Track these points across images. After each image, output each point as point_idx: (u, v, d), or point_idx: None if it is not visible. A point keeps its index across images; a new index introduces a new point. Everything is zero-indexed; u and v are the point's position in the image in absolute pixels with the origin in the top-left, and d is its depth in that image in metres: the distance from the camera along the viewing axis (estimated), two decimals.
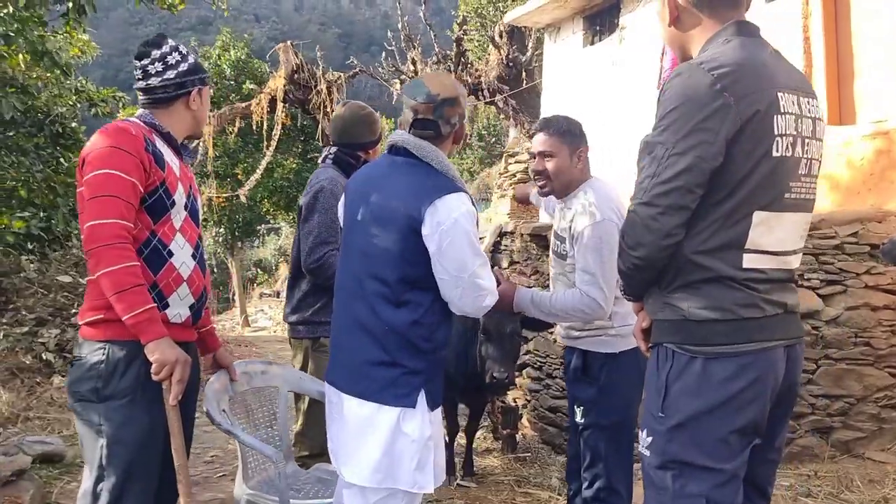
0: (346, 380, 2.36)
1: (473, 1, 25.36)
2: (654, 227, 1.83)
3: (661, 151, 1.82)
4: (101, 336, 2.35)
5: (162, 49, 2.51)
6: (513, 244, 5.94)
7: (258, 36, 48.83)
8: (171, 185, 2.44)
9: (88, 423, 2.35)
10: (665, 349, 1.91)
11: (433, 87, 2.35)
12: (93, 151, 2.33)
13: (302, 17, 79.63)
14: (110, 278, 2.23)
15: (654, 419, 1.91)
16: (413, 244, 2.25)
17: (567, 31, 8.87)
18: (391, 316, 2.29)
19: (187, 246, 2.50)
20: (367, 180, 2.45)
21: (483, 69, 13.34)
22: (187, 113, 2.56)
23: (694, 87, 1.80)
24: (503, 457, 5.08)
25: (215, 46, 19.07)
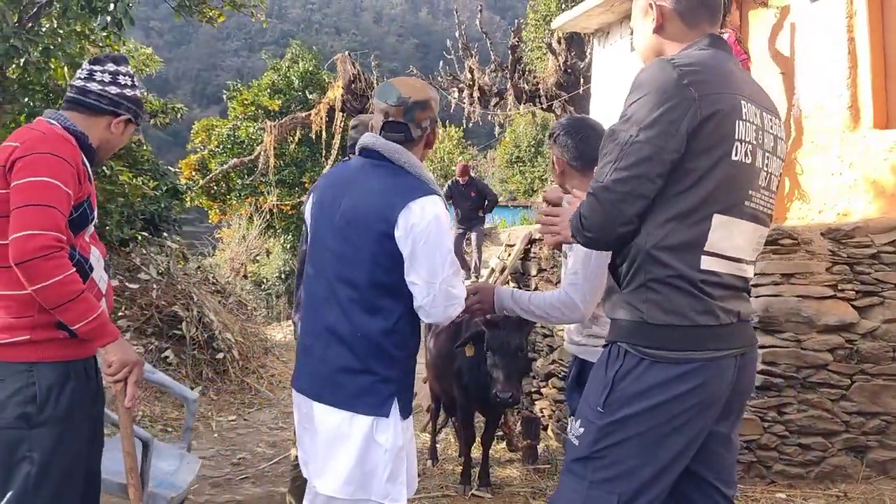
0: (316, 387, 2.30)
1: (543, 8, 25.22)
2: (611, 213, 1.85)
3: (623, 138, 1.85)
4: (25, 358, 2.19)
5: (119, 67, 2.44)
6: (541, 252, 5.85)
7: (338, 48, 49.86)
8: (94, 200, 2.38)
9: (8, 450, 2.17)
10: (618, 347, 1.95)
11: (404, 90, 2.32)
12: (29, 155, 2.17)
13: (381, 28, 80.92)
14: (53, 291, 2.10)
15: (593, 412, 1.95)
16: (386, 248, 2.21)
17: (615, 35, 8.71)
18: (364, 323, 2.23)
19: (101, 259, 2.40)
20: (338, 182, 2.40)
21: (541, 76, 13.23)
22: (104, 132, 2.42)
23: (661, 80, 1.84)
24: (523, 468, 4.99)
25: (285, 59, 19.59)
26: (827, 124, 6.04)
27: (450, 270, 2.25)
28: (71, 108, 2.38)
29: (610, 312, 2.03)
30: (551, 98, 12.81)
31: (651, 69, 1.89)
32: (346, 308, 2.25)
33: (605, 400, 1.92)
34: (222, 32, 71.98)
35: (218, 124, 18.61)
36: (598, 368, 2.01)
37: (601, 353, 2.05)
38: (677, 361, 1.86)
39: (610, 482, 1.90)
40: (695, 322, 1.86)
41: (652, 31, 2.07)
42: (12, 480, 2.18)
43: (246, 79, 25.03)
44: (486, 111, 13.34)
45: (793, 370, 4.36)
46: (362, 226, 2.24)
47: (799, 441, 4.37)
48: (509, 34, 14.31)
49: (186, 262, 8.67)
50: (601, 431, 1.91)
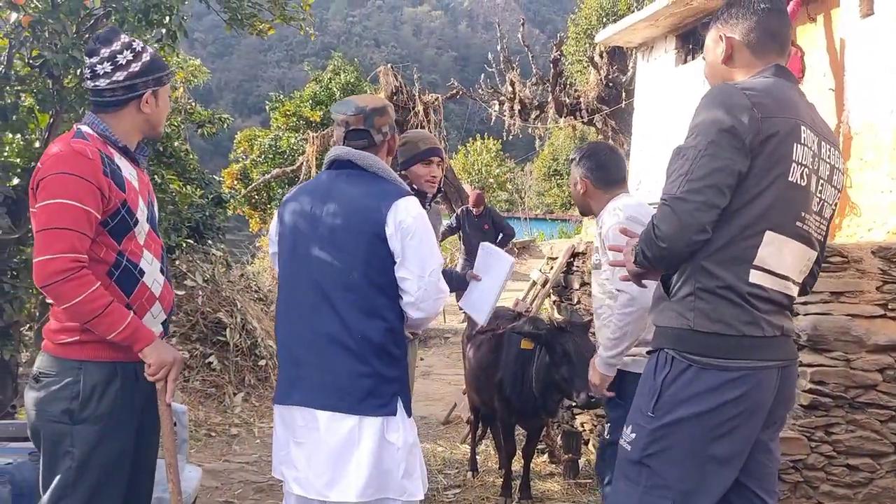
0: (317, 396, 2.31)
1: (584, 22, 25.23)
2: (688, 222, 1.91)
3: (693, 153, 1.93)
4: (76, 356, 2.27)
5: (112, 47, 2.33)
6: (584, 265, 5.83)
7: (378, 60, 50.26)
8: (133, 203, 2.34)
9: (53, 443, 2.27)
10: (665, 354, 2.03)
11: (360, 101, 2.49)
12: (46, 177, 2.21)
13: (420, 41, 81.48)
14: (78, 310, 2.17)
15: (643, 416, 2.04)
16: (378, 249, 2.31)
17: (659, 49, 8.68)
18: (364, 325, 2.30)
19: (155, 261, 2.43)
20: (312, 195, 2.45)
21: (583, 89, 13.22)
22: (140, 117, 2.39)
23: (726, 100, 1.95)
24: (564, 481, 4.97)
25: (327, 70, 19.84)
26: (876, 141, 5.96)
27: (437, 263, 2.37)
28: (97, 110, 2.38)
29: (657, 320, 2.11)
30: (592, 112, 12.79)
31: (717, 91, 2.01)
32: (345, 313, 2.30)
33: (655, 405, 2.01)
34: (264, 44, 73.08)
35: (260, 134, 18.90)
36: (646, 375, 2.10)
37: (649, 360, 2.12)
38: (725, 368, 1.95)
39: (662, 488, 1.98)
40: (741, 332, 1.95)
41: (720, 61, 2.18)
42: (56, 474, 2.27)
43: (286, 90, 25.38)
44: (526, 124, 13.35)
45: (841, 390, 4.29)
46: (351, 230, 2.33)
47: (846, 462, 4.29)
48: (548, 48, 14.35)
49: (229, 269, 8.80)
50: (651, 436, 2.00)
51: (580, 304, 5.88)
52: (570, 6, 74.19)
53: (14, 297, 5.52)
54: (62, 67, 4.95)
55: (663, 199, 1.99)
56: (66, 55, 4.84)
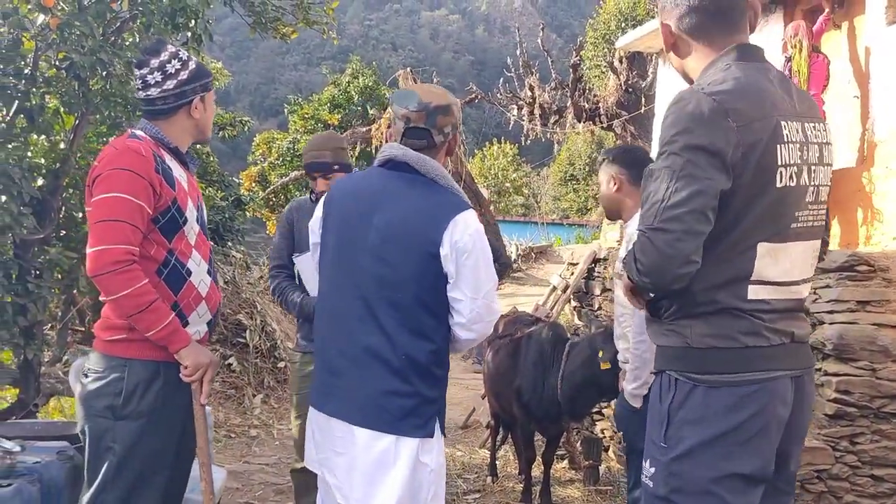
0: (355, 411, 2.23)
1: (602, 27, 25.15)
2: (669, 254, 1.74)
3: (668, 175, 1.76)
4: (122, 353, 2.34)
5: (161, 57, 2.44)
6: (605, 271, 5.82)
7: (395, 64, 50.32)
8: (182, 203, 2.42)
9: (97, 438, 2.34)
10: (668, 377, 1.88)
11: (424, 95, 2.28)
12: (102, 173, 2.31)
13: (437, 45, 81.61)
14: (123, 304, 2.25)
15: (657, 448, 1.88)
16: (430, 267, 2.18)
17: None
18: (410, 344, 2.19)
19: (203, 262, 2.50)
20: (362, 196, 2.31)
21: (602, 94, 13.19)
22: (190, 122, 2.51)
23: (696, 112, 1.75)
24: (584, 488, 4.95)
25: (346, 73, 19.91)
26: None
27: (492, 283, 2.26)
28: (149, 117, 2.50)
29: (653, 339, 1.97)
30: (612, 117, 12.75)
31: (683, 102, 1.79)
32: (391, 330, 2.19)
33: (665, 433, 1.85)
34: (282, 47, 73.41)
35: (278, 137, 18.97)
36: (653, 401, 1.95)
37: (653, 383, 1.99)
38: (734, 384, 1.78)
39: None
40: (742, 343, 1.79)
41: (667, 52, 2.02)
42: (99, 468, 2.33)
43: (304, 92, 25.48)
44: (545, 129, 13.34)
45: (867, 399, 4.25)
46: (404, 245, 2.20)
47: (871, 472, 4.25)
48: (565, 52, 14.34)
49: (249, 271, 8.84)
50: (668, 469, 1.84)
51: (601, 309, 5.87)
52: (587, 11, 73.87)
53: (38, 296, 5.57)
54: (89, 70, 4.99)
55: (640, 230, 1.81)
56: (94, 58, 4.89)
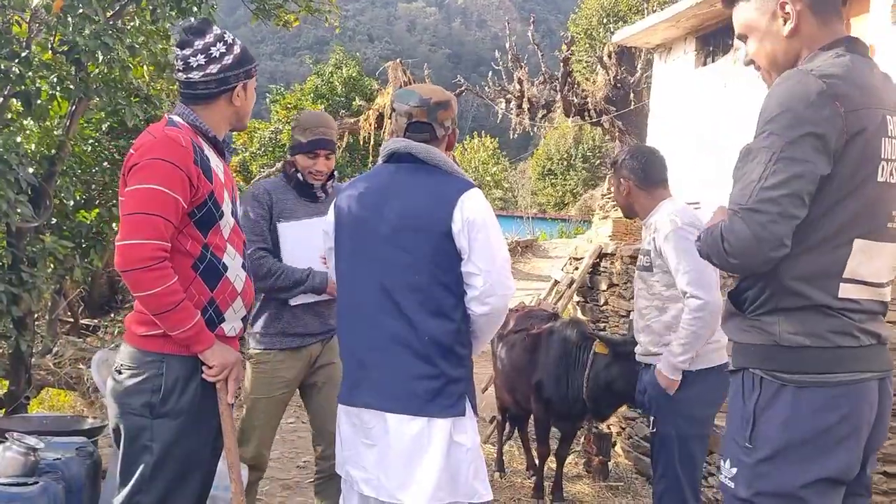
0: (386, 398, 2.27)
1: (583, 22, 25.20)
2: (762, 236, 1.69)
3: (766, 156, 1.70)
4: (159, 349, 2.25)
5: (205, 39, 2.32)
6: (612, 266, 5.81)
7: (371, 55, 50.09)
8: (219, 196, 2.32)
9: (133, 436, 2.25)
10: (751, 375, 1.82)
11: (424, 92, 2.41)
12: (139, 162, 2.20)
13: (413, 37, 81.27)
14: (150, 301, 2.16)
15: (741, 449, 1.83)
16: (445, 247, 2.26)
17: (678, 51, 8.66)
18: (431, 326, 2.26)
19: (237, 257, 2.41)
20: (371, 190, 2.38)
21: (590, 90, 13.20)
22: (230, 109, 2.40)
23: (803, 92, 1.69)
24: (594, 484, 4.93)
25: (328, 64, 19.70)
26: None
27: (505, 256, 2.34)
28: (188, 101, 2.37)
29: (734, 336, 1.91)
30: (600, 112, 12.77)
31: (790, 82, 1.73)
32: (411, 314, 2.26)
33: (751, 434, 1.80)
34: (257, 36, 72.73)
35: (260, 127, 18.74)
36: (734, 399, 1.89)
37: (732, 381, 1.91)
38: (824, 384, 1.74)
39: None
40: (833, 343, 1.74)
41: (785, 36, 1.87)
42: (135, 467, 2.25)
43: (279, 82, 25.17)
44: (533, 123, 13.32)
45: None
46: (417, 229, 2.27)
47: (884, 469, 4.28)
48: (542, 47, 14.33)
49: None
50: (754, 470, 1.79)
51: (607, 304, 5.85)
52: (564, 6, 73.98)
53: (33, 286, 5.43)
54: (92, 53, 4.86)
55: (732, 209, 1.76)
56: (98, 41, 4.76)
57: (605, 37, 22.90)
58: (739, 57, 7.69)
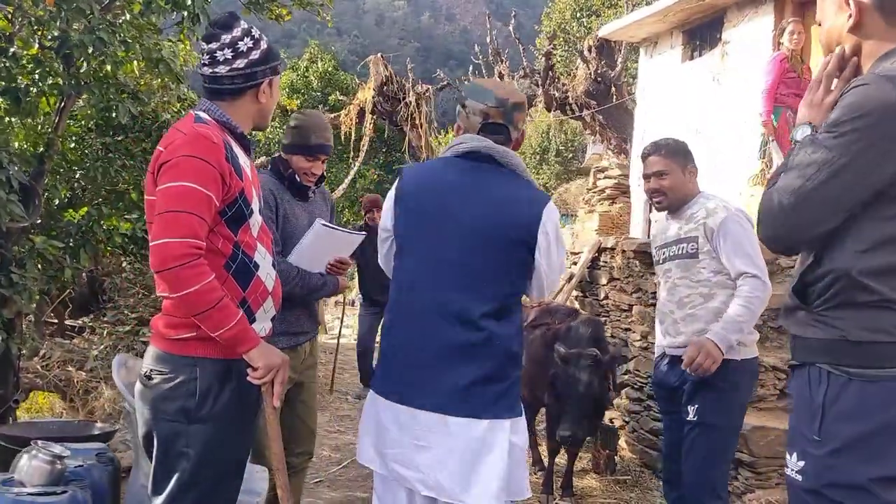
0: (449, 401, 2.22)
1: (557, 16, 25.30)
2: (791, 228, 1.77)
3: (825, 156, 1.70)
4: (191, 352, 2.18)
5: (233, 33, 2.25)
6: (612, 261, 5.82)
7: (340, 49, 49.79)
8: (248, 193, 2.27)
9: (168, 443, 2.18)
10: (818, 369, 1.83)
11: (500, 92, 2.35)
12: (171, 160, 2.13)
13: (382, 31, 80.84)
14: (189, 301, 2.07)
15: (809, 442, 1.83)
16: (521, 256, 2.25)
17: (665, 45, 8.70)
18: (498, 329, 2.24)
19: (267, 255, 2.36)
20: (446, 188, 2.31)
21: (570, 84, 13.22)
22: (254, 106, 2.32)
23: (880, 101, 1.68)
24: (602, 478, 4.95)
25: (303, 59, 19.56)
26: None
27: (563, 265, 2.44)
28: (212, 97, 2.29)
29: (797, 330, 1.91)
30: (580, 106, 12.80)
31: (868, 86, 1.72)
32: (479, 318, 2.22)
33: (820, 427, 1.81)
34: None
35: None
36: (800, 393, 1.90)
37: (796, 376, 1.92)
38: (892, 379, 1.73)
39: None
40: None
41: (847, 31, 1.87)
42: (171, 474, 2.18)
43: None
44: None
45: None
46: (499, 234, 2.24)
47: None
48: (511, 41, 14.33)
49: None
50: (824, 462, 1.80)
51: (608, 299, 5.87)
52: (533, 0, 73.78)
53: (23, 288, 5.30)
54: (87, 47, 4.74)
55: (780, 195, 1.77)
56: (93, 36, 4.64)
57: (578, 31, 23.09)
58: (728, 52, 7.77)
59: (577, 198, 24.97)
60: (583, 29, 22.62)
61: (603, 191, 10.64)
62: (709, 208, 3.13)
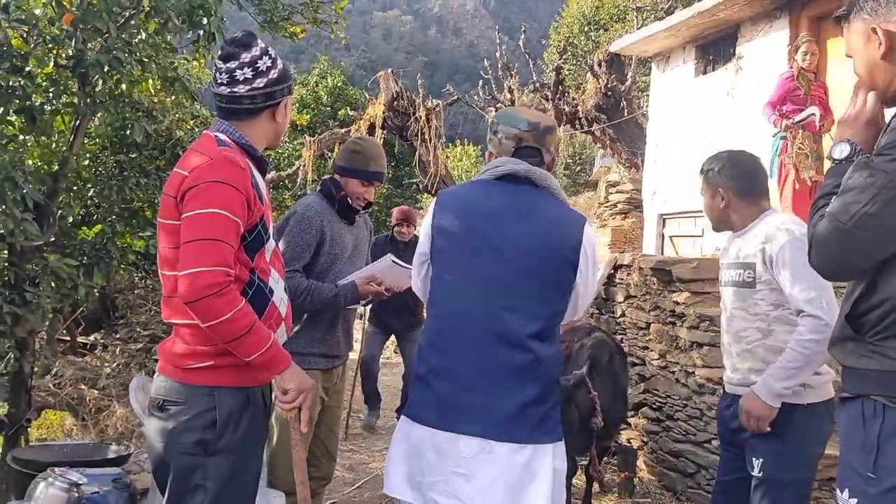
0: (495, 427, 2.19)
1: (565, 31, 25.34)
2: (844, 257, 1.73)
3: (882, 180, 1.66)
4: (208, 381, 2.13)
5: (252, 52, 2.22)
6: (629, 277, 5.76)
7: (348, 64, 49.98)
8: (267, 218, 2.25)
9: (184, 476, 2.11)
10: (873, 402, 1.76)
11: (531, 116, 2.41)
12: (197, 185, 2.08)
13: (390, 45, 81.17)
14: (224, 328, 2.03)
15: (863, 480, 1.75)
16: (566, 276, 2.27)
17: (677, 59, 8.67)
18: (544, 351, 2.23)
19: (280, 280, 2.32)
20: (490, 210, 2.31)
21: (580, 98, 13.20)
22: (271, 126, 2.30)
23: None
24: (620, 500, 4.88)
25: (313, 74, 19.63)
26: None
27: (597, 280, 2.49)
28: (229, 117, 2.25)
29: (850, 361, 1.84)
30: (591, 121, 12.77)
31: None
32: (526, 340, 2.21)
33: (875, 464, 1.73)
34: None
35: None
36: (852, 427, 1.82)
37: (846, 408, 1.85)
38: None
39: None
40: None
41: (879, 58, 1.85)
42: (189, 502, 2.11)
43: None
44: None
45: None
46: (546, 255, 2.25)
47: None
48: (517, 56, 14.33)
49: None
50: (878, 501, 1.73)
51: (624, 316, 5.81)
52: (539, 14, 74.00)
53: (37, 306, 5.28)
54: (104, 66, 4.74)
55: (831, 219, 1.73)
56: (110, 55, 4.64)
57: (586, 45, 23.10)
58: (742, 66, 7.73)
59: (587, 211, 24.90)
60: (591, 43, 22.64)
61: (615, 205, 10.59)
62: (769, 231, 2.75)
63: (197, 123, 8.05)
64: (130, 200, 6.10)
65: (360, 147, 3.28)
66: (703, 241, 7.82)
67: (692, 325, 4.86)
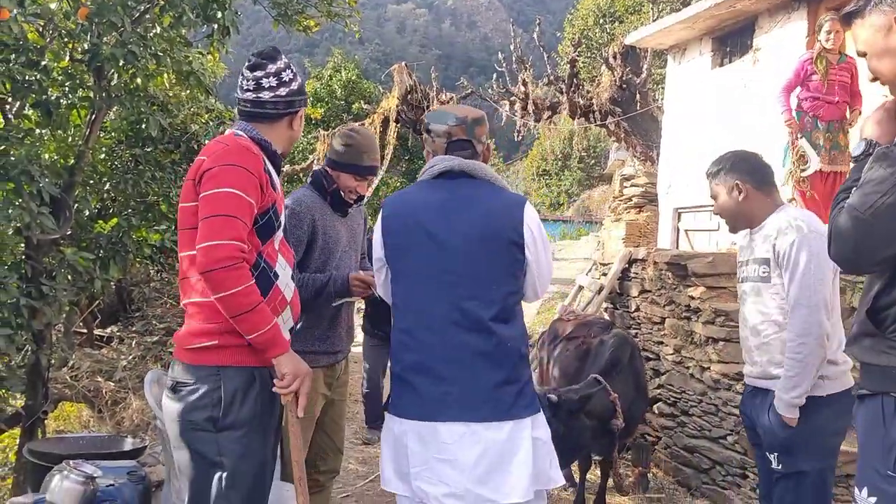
0: (473, 409, 2.32)
1: (580, 23, 25.22)
2: (861, 246, 1.71)
3: None
4: (213, 361, 2.26)
5: (277, 64, 2.45)
6: (644, 272, 5.73)
7: (361, 57, 50.07)
8: (280, 207, 2.43)
9: (201, 454, 2.25)
10: (893, 400, 1.74)
11: (458, 112, 2.54)
12: (214, 167, 2.26)
13: (404, 38, 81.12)
14: (231, 301, 2.16)
15: (882, 478, 1.74)
16: (515, 256, 2.38)
17: (693, 52, 8.60)
18: (507, 332, 2.36)
19: (287, 267, 2.47)
20: (432, 207, 2.42)
21: (595, 91, 13.12)
22: (287, 132, 2.52)
23: None
24: (634, 496, 4.85)
25: (327, 67, 19.65)
26: None
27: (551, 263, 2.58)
28: (251, 119, 2.46)
29: (868, 358, 1.83)
30: (605, 114, 12.69)
31: None
32: (487, 324, 2.34)
33: (895, 463, 1.73)
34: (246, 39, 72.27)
35: None
36: (872, 425, 1.81)
37: (865, 406, 1.84)
38: None
39: None
40: None
41: None
42: (207, 485, 2.25)
43: None
44: (537, 125, 13.24)
45: None
46: (491, 240, 2.36)
47: None
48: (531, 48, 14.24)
49: None
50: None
51: (639, 311, 5.78)
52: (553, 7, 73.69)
53: (54, 299, 5.32)
54: (120, 60, 4.76)
55: (851, 210, 1.72)
56: (125, 49, 4.66)
57: (601, 37, 22.97)
58: (759, 58, 7.65)
59: (601, 205, 24.76)
60: (605, 35, 22.52)
61: (630, 199, 10.54)
62: (780, 226, 2.76)
63: (212, 117, 8.07)
64: (146, 194, 6.14)
65: (354, 140, 3.18)
66: (719, 235, 7.76)
67: (708, 321, 4.82)
